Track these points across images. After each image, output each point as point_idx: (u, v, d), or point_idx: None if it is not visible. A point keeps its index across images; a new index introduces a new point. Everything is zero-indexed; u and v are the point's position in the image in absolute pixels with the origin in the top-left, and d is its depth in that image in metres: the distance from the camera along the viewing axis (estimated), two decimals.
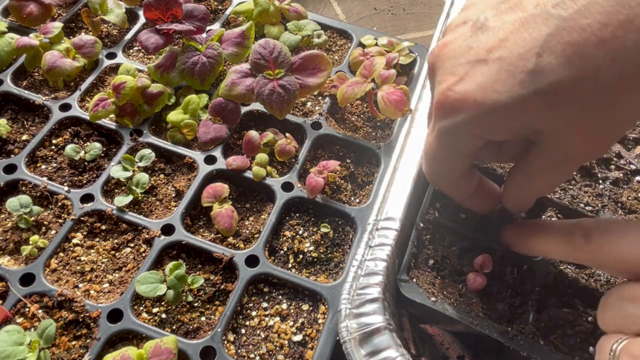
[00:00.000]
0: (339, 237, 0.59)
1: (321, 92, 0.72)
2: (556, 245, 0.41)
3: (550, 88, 0.31)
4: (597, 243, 0.36)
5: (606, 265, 0.37)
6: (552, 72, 0.30)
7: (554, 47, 0.30)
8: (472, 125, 0.35)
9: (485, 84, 0.33)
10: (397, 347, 0.42)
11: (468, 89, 0.34)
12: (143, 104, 0.66)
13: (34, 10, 0.72)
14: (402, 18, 1.37)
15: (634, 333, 0.33)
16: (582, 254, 0.38)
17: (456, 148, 0.38)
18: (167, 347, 0.46)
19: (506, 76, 0.32)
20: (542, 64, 0.30)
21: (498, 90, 0.32)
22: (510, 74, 0.32)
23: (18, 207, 0.56)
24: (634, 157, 0.57)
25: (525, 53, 0.31)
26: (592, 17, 0.29)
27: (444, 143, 0.38)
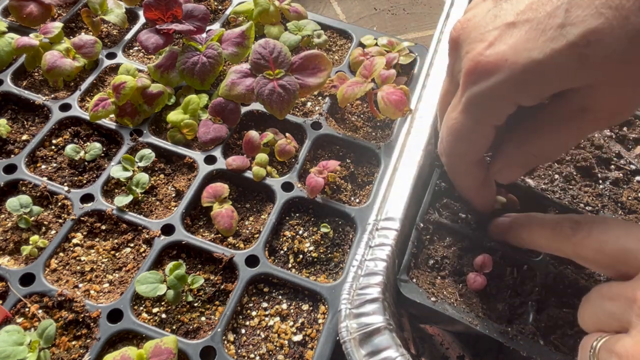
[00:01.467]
0: (339, 237, 0.59)
1: (321, 92, 0.72)
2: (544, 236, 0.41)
3: (581, 39, 0.31)
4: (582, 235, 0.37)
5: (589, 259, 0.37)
6: (582, 23, 0.31)
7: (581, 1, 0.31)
8: (505, 86, 0.35)
9: (516, 44, 0.34)
10: (397, 347, 0.42)
11: (499, 50, 0.34)
12: (143, 104, 0.66)
13: (34, 10, 0.72)
14: (402, 18, 1.37)
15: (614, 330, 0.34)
16: (568, 245, 0.38)
17: (485, 117, 0.38)
18: (167, 347, 0.46)
19: (536, 34, 0.33)
20: (572, 17, 0.31)
21: (530, 48, 0.33)
22: (541, 31, 0.32)
23: (18, 207, 0.56)
24: (634, 157, 0.57)
25: (553, 11, 0.32)
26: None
27: (473, 113, 0.38)
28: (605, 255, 0.36)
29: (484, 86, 0.36)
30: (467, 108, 0.38)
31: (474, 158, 0.42)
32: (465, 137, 0.40)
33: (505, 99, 0.36)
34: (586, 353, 0.34)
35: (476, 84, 0.36)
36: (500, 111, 0.37)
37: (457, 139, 0.41)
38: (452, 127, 0.40)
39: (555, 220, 0.41)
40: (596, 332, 0.35)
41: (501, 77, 0.34)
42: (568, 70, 0.33)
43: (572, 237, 0.38)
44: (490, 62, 0.35)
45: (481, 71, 0.35)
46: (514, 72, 0.34)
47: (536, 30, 0.33)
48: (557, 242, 0.40)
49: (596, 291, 0.36)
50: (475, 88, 0.36)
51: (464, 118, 0.39)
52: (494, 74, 0.35)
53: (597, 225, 0.37)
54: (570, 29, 0.31)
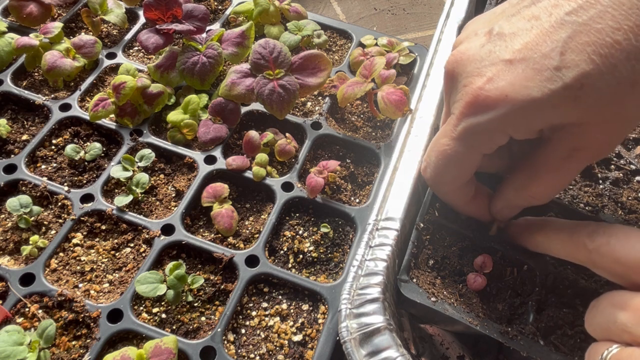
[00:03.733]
0: (339, 237, 0.59)
1: (321, 92, 0.72)
2: (560, 242, 0.42)
3: (575, 82, 0.33)
4: (599, 243, 0.37)
5: (605, 268, 0.37)
6: (576, 67, 0.33)
7: (574, 46, 0.33)
8: (502, 121, 0.37)
9: (515, 81, 0.35)
10: (397, 347, 0.42)
11: (499, 86, 0.36)
12: (143, 104, 0.66)
13: (34, 10, 0.72)
14: (402, 18, 1.37)
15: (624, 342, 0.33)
16: (584, 252, 0.39)
17: (478, 146, 0.40)
18: (167, 347, 0.46)
19: (533, 73, 0.34)
20: (566, 61, 0.33)
21: (529, 86, 0.35)
22: (537, 71, 0.34)
23: (18, 207, 0.56)
24: (634, 157, 0.57)
25: (549, 52, 0.34)
26: (604, 23, 0.32)
27: (468, 141, 0.40)
28: (622, 265, 0.36)
29: (482, 119, 0.38)
30: (462, 136, 0.40)
31: (461, 182, 0.44)
32: (455, 162, 0.42)
33: (500, 131, 0.38)
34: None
35: (474, 116, 0.38)
36: (494, 142, 0.39)
37: (446, 163, 0.42)
38: (444, 152, 0.42)
39: (572, 227, 0.41)
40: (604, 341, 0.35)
41: (500, 111, 0.36)
42: (563, 109, 0.35)
43: (589, 245, 0.38)
44: (490, 97, 0.36)
45: (481, 105, 0.37)
46: (513, 107, 0.36)
47: (533, 69, 0.35)
48: (573, 249, 0.40)
49: (607, 299, 0.36)
50: (473, 120, 0.38)
51: (457, 145, 0.40)
52: (494, 109, 0.37)
53: (615, 234, 0.37)
54: (565, 72, 0.33)
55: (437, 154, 0.43)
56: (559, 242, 0.42)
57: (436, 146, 0.43)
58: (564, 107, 0.34)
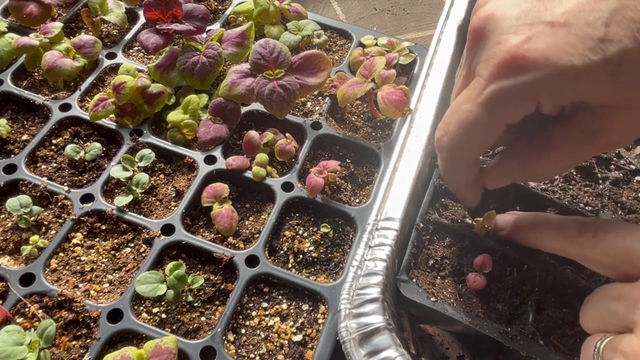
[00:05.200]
0: (339, 237, 0.59)
1: (321, 92, 0.72)
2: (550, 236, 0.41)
3: (616, 57, 0.32)
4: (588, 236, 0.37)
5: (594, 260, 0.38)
6: (620, 42, 0.32)
7: (620, 20, 0.32)
8: (538, 85, 0.34)
9: (557, 45, 0.33)
10: (397, 347, 0.42)
11: (539, 47, 0.34)
12: (143, 104, 0.66)
13: (34, 10, 0.72)
14: (402, 18, 1.37)
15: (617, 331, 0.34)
16: (573, 246, 0.39)
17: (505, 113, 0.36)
18: (167, 347, 0.46)
19: (576, 40, 0.33)
20: (611, 34, 0.32)
21: (571, 52, 0.33)
22: (580, 39, 0.33)
23: (18, 207, 0.56)
24: (634, 157, 0.57)
25: (593, 21, 0.32)
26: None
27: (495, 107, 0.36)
28: (610, 257, 0.36)
29: (516, 81, 0.35)
30: (489, 101, 0.36)
31: (477, 154, 0.41)
32: (478, 130, 0.38)
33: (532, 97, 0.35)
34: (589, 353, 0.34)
35: (507, 78, 0.35)
36: (522, 109, 0.36)
37: (467, 131, 0.39)
38: (465, 119, 0.38)
39: (561, 221, 0.41)
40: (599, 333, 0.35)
41: (537, 74, 0.34)
42: (598, 84, 0.33)
43: (577, 238, 0.38)
44: (528, 57, 0.34)
45: (517, 65, 0.34)
46: (552, 72, 0.33)
47: (576, 36, 0.33)
48: (562, 242, 0.40)
49: (600, 292, 0.36)
50: (505, 81, 0.35)
51: (482, 111, 0.37)
52: (531, 70, 0.34)
53: (603, 227, 0.37)
54: (608, 45, 0.32)
55: (458, 121, 0.38)
56: (550, 237, 0.42)
57: (457, 112, 0.39)
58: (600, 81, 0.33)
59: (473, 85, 0.37)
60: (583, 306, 0.38)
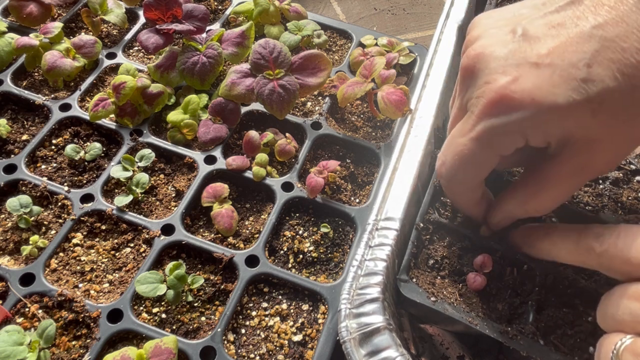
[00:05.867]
0: (339, 237, 0.59)
1: (321, 92, 0.72)
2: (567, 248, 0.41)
3: (598, 97, 0.33)
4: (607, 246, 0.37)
5: (615, 269, 0.37)
6: (601, 82, 0.33)
7: (601, 61, 0.33)
8: (525, 123, 0.36)
9: (542, 85, 0.35)
10: (397, 347, 0.42)
11: (525, 88, 0.36)
12: (143, 104, 0.66)
13: (34, 10, 0.72)
14: (402, 18, 1.37)
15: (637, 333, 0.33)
16: (592, 257, 0.38)
17: (496, 148, 0.39)
18: (167, 347, 0.46)
19: (561, 81, 0.35)
20: (593, 74, 0.34)
21: (555, 92, 0.35)
22: (564, 79, 0.34)
23: (18, 207, 0.56)
24: (634, 157, 0.57)
25: (576, 62, 0.34)
26: (630, 43, 0.33)
27: (487, 142, 0.39)
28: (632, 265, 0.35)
29: (505, 120, 0.37)
30: (481, 137, 0.39)
31: (475, 182, 0.44)
32: (472, 163, 0.41)
33: (521, 134, 0.37)
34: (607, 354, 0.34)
35: (497, 117, 0.37)
36: (512, 144, 0.38)
37: (462, 164, 0.41)
38: (460, 152, 0.41)
39: (578, 232, 0.40)
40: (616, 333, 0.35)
41: (524, 114, 0.36)
42: (581, 121, 0.35)
43: (597, 249, 0.38)
44: (515, 98, 0.36)
45: (505, 105, 0.36)
46: (538, 111, 0.35)
47: (560, 76, 0.35)
48: (581, 254, 0.40)
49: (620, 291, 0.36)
50: (495, 120, 0.37)
51: (474, 145, 0.39)
52: (518, 109, 0.36)
53: (623, 235, 0.36)
54: (590, 85, 0.34)
55: (454, 154, 0.42)
56: (566, 249, 0.41)
57: (452, 145, 0.42)
58: (583, 119, 0.35)
59: (466, 119, 0.40)
60: (601, 303, 0.37)
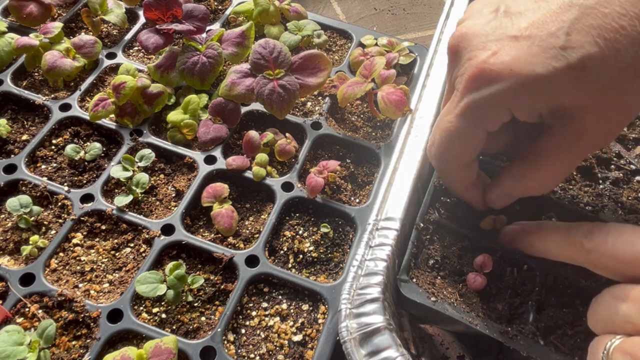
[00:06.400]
0: (339, 237, 0.59)
1: (321, 92, 0.72)
2: (557, 244, 0.42)
3: (579, 62, 0.34)
4: (596, 243, 0.37)
5: (603, 266, 0.38)
6: (581, 48, 0.33)
7: (580, 28, 0.34)
8: (506, 95, 0.37)
9: (520, 56, 0.36)
10: (397, 347, 0.42)
11: (504, 60, 0.36)
12: (143, 104, 0.66)
13: (34, 10, 0.72)
14: (402, 18, 1.37)
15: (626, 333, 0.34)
16: (581, 253, 0.39)
17: (481, 122, 0.39)
18: (167, 347, 0.46)
19: (539, 50, 0.35)
20: (572, 41, 0.34)
21: (533, 62, 0.35)
22: (543, 49, 0.35)
23: (18, 207, 0.56)
24: (634, 157, 0.57)
25: (555, 31, 0.34)
26: (611, 8, 0.33)
27: (471, 117, 0.39)
28: (620, 262, 0.36)
29: (485, 92, 0.37)
30: (465, 112, 0.39)
31: (465, 161, 0.44)
32: (459, 140, 0.42)
33: (503, 107, 0.38)
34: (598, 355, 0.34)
35: (477, 90, 0.38)
36: (497, 118, 0.39)
37: (450, 141, 0.42)
38: (447, 129, 0.42)
39: (568, 229, 0.41)
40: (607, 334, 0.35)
41: (504, 85, 0.36)
42: (565, 89, 0.35)
43: (586, 245, 0.38)
44: (494, 70, 0.36)
45: (485, 78, 0.37)
46: (517, 82, 0.36)
47: (539, 47, 0.35)
48: (570, 250, 0.40)
49: (608, 293, 0.36)
50: (476, 94, 0.38)
51: (459, 121, 0.40)
52: (497, 82, 0.36)
53: (612, 232, 0.37)
54: (570, 52, 0.34)
55: (441, 132, 0.42)
56: (556, 245, 0.42)
57: (440, 124, 0.43)
58: (567, 87, 0.35)
59: (452, 98, 0.41)
60: (591, 306, 0.38)
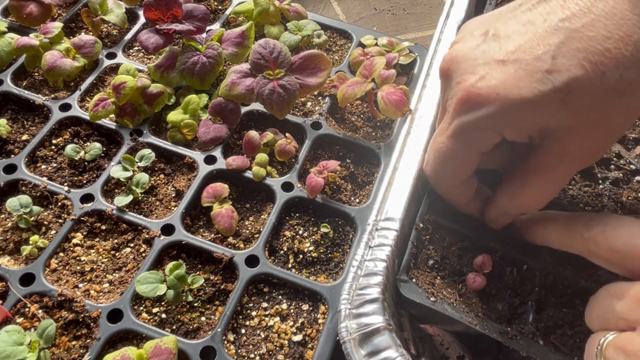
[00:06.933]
0: (339, 237, 0.59)
1: (321, 92, 0.72)
2: (557, 232, 0.43)
3: (565, 85, 0.34)
4: (595, 232, 0.38)
5: (601, 256, 0.38)
6: (567, 71, 0.34)
7: (566, 51, 0.34)
8: (494, 118, 0.37)
9: (507, 80, 0.36)
10: (397, 347, 0.42)
11: (491, 84, 0.37)
12: (143, 104, 0.66)
13: (34, 10, 0.72)
14: (402, 18, 1.37)
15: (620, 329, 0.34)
16: (580, 242, 0.40)
17: (472, 144, 0.40)
18: (167, 347, 0.46)
19: (525, 74, 0.35)
20: (558, 65, 0.34)
21: (520, 86, 0.36)
22: (529, 72, 0.35)
23: (18, 207, 0.56)
24: (634, 157, 0.57)
25: (541, 55, 0.35)
26: (596, 31, 0.33)
27: (461, 139, 0.40)
28: (617, 253, 0.37)
29: (473, 116, 0.38)
30: (455, 134, 0.40)
31: (461, 179, 0.45)
32: (452, 160, 0.43)
33: (492, 129, 0.39)
34: (592, 351, 0.35)
35: (466, 114, 0.39)
36: (487, 140, 0.40)
37: (443, 161, 0.43)
38: (439, 150, 0.43)
39: (569, 217, 0.42)
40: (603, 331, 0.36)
41: (491, 109, 0.37)
42: (551, 111, 0.35)
43: (585, 234, 0.39)
44: (481, 94, 0.37)
45: (473, 102, 0.38)
46: (504, 106, 0.36)
47: (525, 70, 0.36)
48: (569, 238, 0.41)
49: (604, 290, 0.37)
50: (465, 117, 0.39)
51: (451, 143, 0.41)
52: (485, 106, 0.37)
53: (611, 223, 0.38)
54: (556, 76, 0.34)
55: (434, 152, 0.44)
56: (556, 233, 0.43)
57: (434, 144, 0.44)
58: (553, 109, 0.35)
59: (445, 119, 0.42)
60: (588, 305, 0.38)
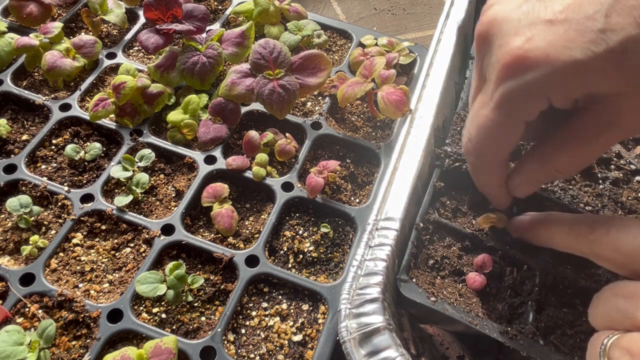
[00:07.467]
0: (339, 237, 0.59)
1: (321, 92, 0.72)
2: (562, 234, 0.42)
3: (619, 46, 0.32)
4: (600, 233, 0.37)
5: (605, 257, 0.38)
6: (622, 30, 0.32)
7: (620, 9, 0.32)
8: (543, 82, 0.35)
9: (556, 41, 0.34)
10: (397, 347, 0.42)
11: (539, 46, 0.34)
12: (143, 104, 0.66)
13: (34, 10, 0.72)
14: (402, 18, 1.37)
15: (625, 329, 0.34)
16: (585, 243, 0.39)
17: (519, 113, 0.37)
18: (167, 347, 0.46)
19: (576, 35, 0.33)
20: (612, 23, 0.32)
21: (571, 47, 0.33)
22: (580, 33, 0.33)
23: (18, 207, 0.56)
24: (634, 157, 0.57)
25: (593, 14, 0.32)
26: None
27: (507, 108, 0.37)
28: (622, 254, 0.36)
29: (521, 81, 0.35)
30: (502, 103, 0.37)
31: (502, 156, 0.42)
32: (498, 133, 0.39)
33: (541, 94, 0.36)
34: (596, 350, 0.34)
35: (513, 78, 0.36)
36: (535, 106, 0.37)
37: (489, 136, 0.40)
38: (484, 124, 0.39)
39: (573, 219, 0.41)
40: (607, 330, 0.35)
41: (541, 72, 0.34)
42: (604, 74, 0.33)
43: (589, 236, 0.38)
44: (529, 57, 0.35)
45: (520, 65, 0.35)
46: (554, 68, 0.34)
47: (576, 31, 0.33)
48: (574, 240, 0.40)
49: (609, 289, 0.36)
50: (512, 82, 0.36)
51: (497, 114, 0.38)
52: (533, 69, 0.35)
53: (616, 225, 0.37)
54: (610, 35, 0.32)
55: (478, 127, 0.40)
56: (561, 235, 0.42)
57: (476, 119, 0.40)
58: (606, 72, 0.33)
59: (485, 89, 0.39)
60: (592, 303, 0.38)
